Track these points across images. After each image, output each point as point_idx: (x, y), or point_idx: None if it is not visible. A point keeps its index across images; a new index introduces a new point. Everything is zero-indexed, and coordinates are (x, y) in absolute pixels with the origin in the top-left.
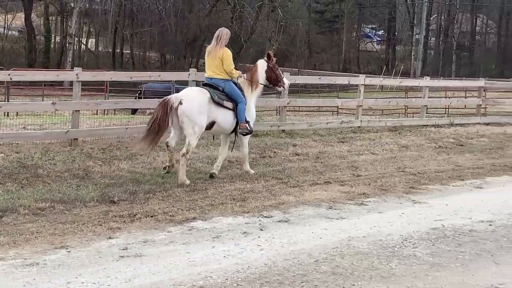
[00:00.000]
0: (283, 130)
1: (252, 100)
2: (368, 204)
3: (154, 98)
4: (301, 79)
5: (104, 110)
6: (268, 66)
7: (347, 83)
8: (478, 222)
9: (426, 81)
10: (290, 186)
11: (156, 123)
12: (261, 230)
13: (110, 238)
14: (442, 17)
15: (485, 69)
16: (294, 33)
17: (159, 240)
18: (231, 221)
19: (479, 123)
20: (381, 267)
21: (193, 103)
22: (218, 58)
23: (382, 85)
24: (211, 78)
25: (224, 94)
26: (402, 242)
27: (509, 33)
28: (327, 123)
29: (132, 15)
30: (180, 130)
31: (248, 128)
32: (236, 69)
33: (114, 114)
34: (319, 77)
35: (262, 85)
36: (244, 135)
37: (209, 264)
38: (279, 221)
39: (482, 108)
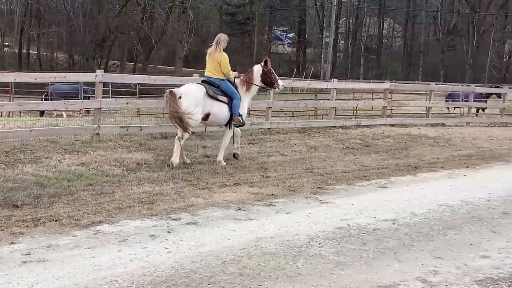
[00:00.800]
0: (193, 132)
1: (246, 99)
2: (277, 204)
3: (61, 99)
4: None
5: (9, 112)
6: (263, 70)
7: None
8: (382, 221)
9: (334, 83)
10: (199, 188)
11: (174, 116)
12: (169, 232)
13: (12, 243)
14: (351, 21)
15: (391, 72)
16: (205, 35)
17: (63, 245)
18: (138, 224)
19: (384, 124)
20: (287, 267)
21: (191, 97)
22: (216, 61)
23: (292, 87)
24: (209, 77)
25: (219, 90)
26: (308, 242)
27: (414, 36)
28: None
29: (39, 15)
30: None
31: (241, 121)
32: (233, 71)
33: (20, 116)
34: None
35: (258, 86)
36: (237, 126)
37: (115, 268)
38: (187, 224)
39: (388, 109)
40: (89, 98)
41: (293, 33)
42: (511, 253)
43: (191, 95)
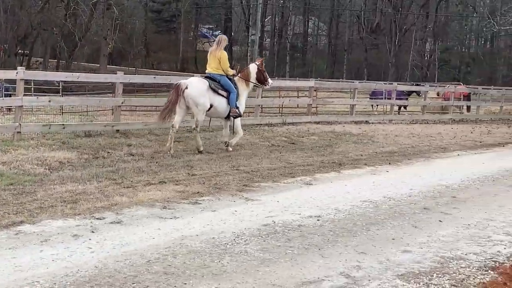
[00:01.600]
0: (118, 130)
1: (244, 94)
2: (202, 202)
3: None
4: (138, 78)
5: None
6: (258, 69)
7: None
8: (307, 218)
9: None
10: (124, 187)
11: (170, 102)
12: (93, 232)
13: None
14: (276, 19)
15: (317, 70)
16: (130, 32)
17: None
18: (61, 224)
19: (310, 122)
20: (213, 264)
21: (196, 89)
22: (217, 58)
23: None
24: (210, 73)
25: (219, 84)
26: (234, 239)
27: (339, 35)
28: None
29: None
30: (185, 111)
31: (238, 112)
32: (232, 68)
33: None
34: (154, 76)
35: (253, 83)
36: (235, 117)
37: (36, 269)
38: (111, 223)
39: (313, 107)
40: (10, 96)
41: (219, 31)
42: (431, 247)
43: (197, 86)
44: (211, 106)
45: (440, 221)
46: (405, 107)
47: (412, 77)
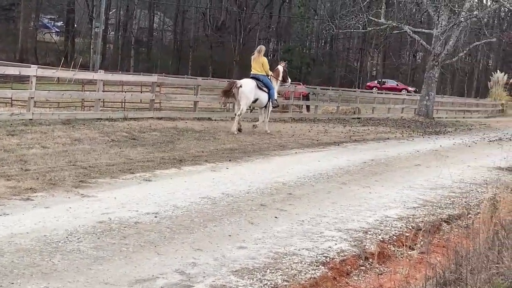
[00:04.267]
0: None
1: (276, 88)
2: (35, 199)
3: None
4: None
5: None
6: (283, 69)
7: (18, 73)
8: (144, 214)
9: (101, 75)
10: None
11: (225, 93)
12: None
13: None
14: (121, 12)
15: (162, 65)
16: None
17: None
18: None
19: (152, 118)
20: (43, 263)
21: (248, 87)
22: (260, 63)
23: (59, 77)
24: (255, 74)
25: (262, 83)
26: (67, 237)
27: (184, 31)
28: None
29: None
30: (238, 103)
31: (277, 103)
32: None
33: None
34: None
35: (280, 81)
36: (275, 107)
37: None
38: None
39: (156, 103)
40: None
41: (62, 22)
42: (266, 243)
43: (249, 85)
44: (256, 99)
45: (275, 217)
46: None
47: None
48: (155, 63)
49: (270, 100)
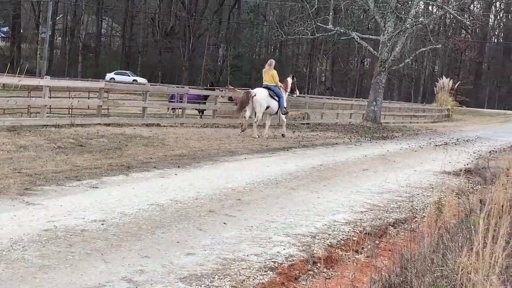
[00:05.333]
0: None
1: (285, 97)
2: None
3: None
4: None
5: None
6: (292, 81)
7: None
8: (91, 222)
9: (47, 81)
10: None
11: (242, 103)
12: None
13: None
14: (68, 17)
15: (111, 71)
16: None
17: None
18: None
19: (100, 124)
20: None
21: (261, 96)
22: (270, 75)
23: (4, 84)
24: (267, 85)
25: (273, 92)
26: (11, 246)
27: (133, 36)
28: None
29: None
30: (252, 109)
31: (287, 111)
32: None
33: None
34: None
35: (288, 92)
36: (284, 114)
37: None
38: None
39: (104, 109)
40: None
41: (7, 27)
42: (215, 249)
43: (262, 94)
44: (268, 106)
45: (224, 223)
46: (204, 110)
47: (205, 81)
48: (104, 69)
49: (280, 108)
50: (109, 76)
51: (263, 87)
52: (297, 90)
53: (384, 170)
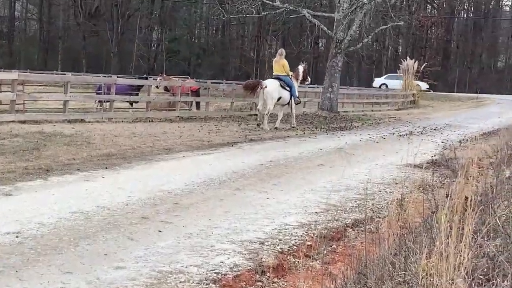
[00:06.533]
0: None
1: (296, 86)
2: None
3: None
4: None
5: None
6: (303, 70)
7: None
8: (3, 235)
9: None
10: None
11: (250, 86)
12: None
13: None
14: None
15: (27, 60)
16: None
17: None
18: None
19: (14, 121)
20: None
21: (272, 87)
22: (281, 65)
23: None
24: (278, 75)
25: (284, 82)
26: None
27: (52, 20)
28: None
29: None
30: (263, 101)
31: (299, 100)
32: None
33: None
34: None
35: (299, 80)
36: (297, 103)
37: None
38: None
39: (19, 103)
40: None
41: None
42: (148, 261)
43: (273, 85)
44: (280, 97)
45: (159, 231)
46: (135, 102)
47: (137, 69)
48: (18, 57)
49: (292, 97)
50: (378, 81)
51: (274, 78)
52: (308, 78)
53: (341, 165)
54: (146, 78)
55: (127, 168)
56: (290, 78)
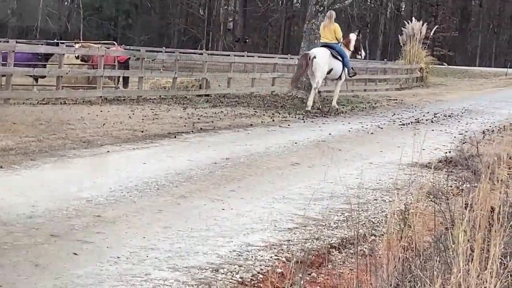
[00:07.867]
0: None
1: (348, 57)
2: None
3: None
4: None
5: None
6: (356, 38)
7: None
8: None
9: None
10: None
11: (301, 70)
12: None
13: None
14: None
15: None
16: None
17: None
18: None
19: None
20: None
21: (323, 58)
22: (332, 30)
23: None
24: (327, 42)
25: (336, 51)
26: None
27: None
28: None
29: None
30: (312, 76)
31: (354, 71)
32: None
33: None
34: None
35: (351, 51)
36: (351, 76)
37: None
38: None
39: None
40: None
41: None
42: None
43: (324, 55)
44: (331, 69)
45: (75, 254)
46: (42, 77)
47: (44, 32)
48: None
49: (345, 69)
50: None
51: (322, 46)
52: (362, 50)
53: (324, 164)
54: (57, 45)
55: (30, 168)
56: (341, 46)
